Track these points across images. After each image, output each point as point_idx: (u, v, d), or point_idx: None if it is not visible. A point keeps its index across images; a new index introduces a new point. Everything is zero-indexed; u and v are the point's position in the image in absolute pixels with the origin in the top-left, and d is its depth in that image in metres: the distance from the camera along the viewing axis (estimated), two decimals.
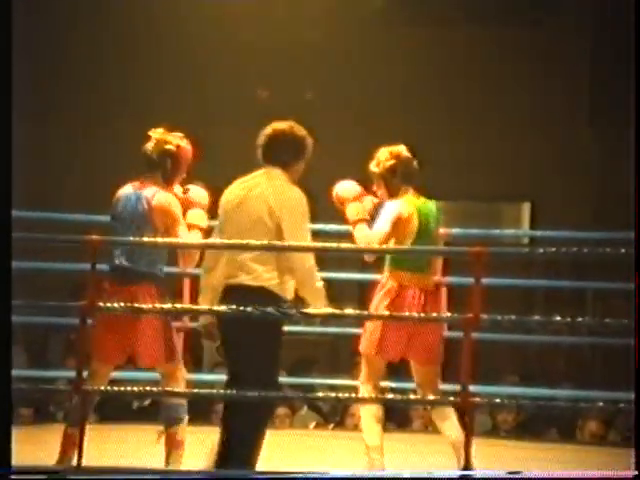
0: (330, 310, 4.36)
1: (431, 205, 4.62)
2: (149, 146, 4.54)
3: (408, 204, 4.54)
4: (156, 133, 4.56)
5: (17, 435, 5.52)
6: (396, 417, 6.73)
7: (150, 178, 4.51)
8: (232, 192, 4.14)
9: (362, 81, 8.63)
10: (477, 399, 4.20)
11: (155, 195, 4.46)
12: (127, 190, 4.53)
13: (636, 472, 3.81)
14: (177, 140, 4.54)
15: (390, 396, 4.88)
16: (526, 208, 8.94)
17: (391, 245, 4.53)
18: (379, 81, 8.64)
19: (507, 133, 8.67)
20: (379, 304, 4.52)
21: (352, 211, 4.56)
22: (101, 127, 8.50)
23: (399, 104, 8.63)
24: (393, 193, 4.60)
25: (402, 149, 4.64)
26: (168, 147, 4.51)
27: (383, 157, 4.61)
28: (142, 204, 4.46)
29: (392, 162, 4.59)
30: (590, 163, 8.58)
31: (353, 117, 8.63)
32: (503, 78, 8.64)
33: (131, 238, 4.43)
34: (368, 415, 4.49)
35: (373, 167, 4.65)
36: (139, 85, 8.51)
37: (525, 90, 8.62)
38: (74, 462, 4.15)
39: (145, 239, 4.41)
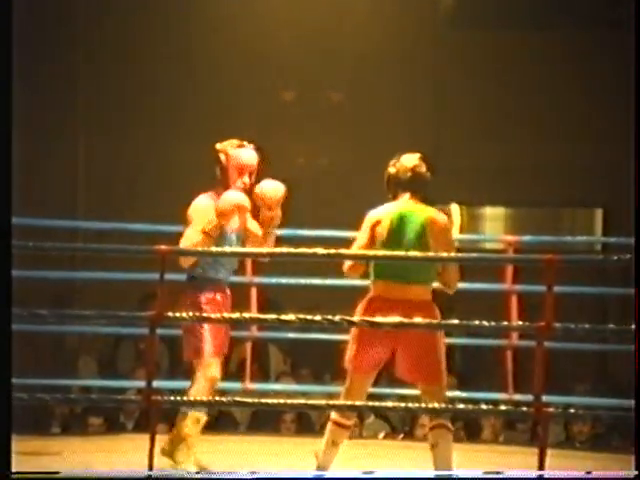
0: (398, 319, 4.31)
1: (421, 213, 4.27)
2: None
3: (385, 208, 4.31)
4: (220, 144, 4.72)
5: (87, 444, 5.57)
6: (467, 427, 6.65)
7: (212, 186, 4.69)
8: None
9: (427, 84, 8.57)
10: (551, 409, 4.10)
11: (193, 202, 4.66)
12: None
13: (636, 472, 3.77)
14: (227, 148, 4.66)
15: (461, 406, 4.80)
16: (599, 214, 8.80)
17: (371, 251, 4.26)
18: (443, 84, 8.58)
19: (579, 139, 8.54)
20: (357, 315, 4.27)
21: None
22: (170, 139, 8.55)
23: (462, 107, 8.56)
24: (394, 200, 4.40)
25: (404, 158, 4.40)
26: (219, 155, 4.66)
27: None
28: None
29: (389, 170, 4.41)
30: None
31: (422, 119, 8.58)
32: (571, 81, 8.51)
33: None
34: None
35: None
36: (212, 98, 8.55)
37: (595, 93, 8.48)
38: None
39: (213, 249, 4.45)
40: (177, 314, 4.20)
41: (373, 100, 8.51)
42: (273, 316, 4.15)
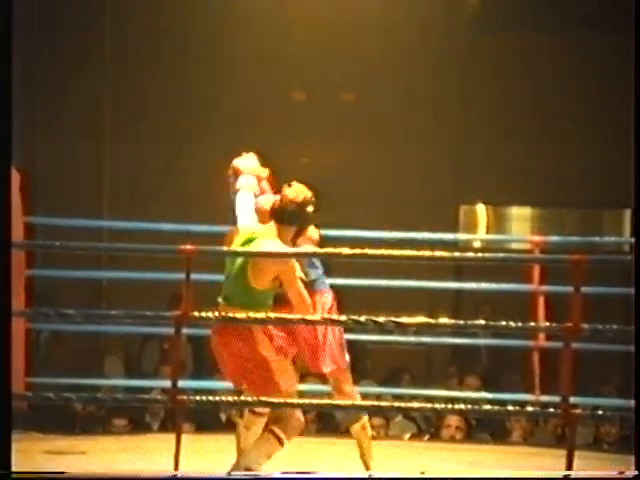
0: (424, 319, 4.31)
1: (256, 244, 4.31)
2: None
3: (243, 227, 4.40)
4: None
5: (113, 444, 5.59)
6: (493, 429, 6.62)
7: None
8: None
9: (454, 85, 8.56)
10: (578, 410, 4.07)
11: None
12: None
13: (636, 472, 3.77)
14: None
15: (487, 407, 4.78)
16: (627, 215, 8.75)
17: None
18: (470, 85, 8.55)
19: (607, 139, 8.49)
20: None
21: None
22: (194, 140, 8.58)
23: (490, 108, 8.54)
24: None
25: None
26: None
27: None
28: None
29: None
30: None
31: (449, 119, 8.57)
32: (601, 82, 8.46)
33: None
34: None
35: None
36: (232, 101, 8.57)
37: (622, 94, 8.42)
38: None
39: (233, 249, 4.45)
40: (202, 314, 4.21)
41: (399, 102, 8.49)
42: (291, 316, 4.15)
